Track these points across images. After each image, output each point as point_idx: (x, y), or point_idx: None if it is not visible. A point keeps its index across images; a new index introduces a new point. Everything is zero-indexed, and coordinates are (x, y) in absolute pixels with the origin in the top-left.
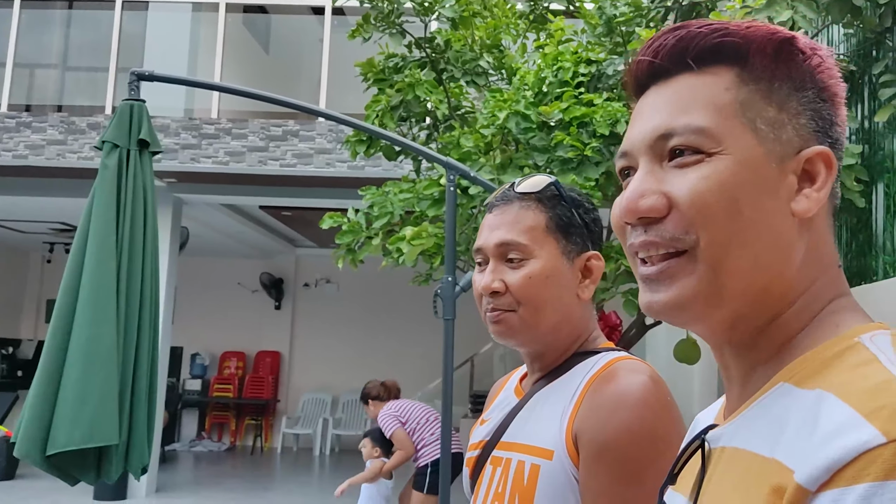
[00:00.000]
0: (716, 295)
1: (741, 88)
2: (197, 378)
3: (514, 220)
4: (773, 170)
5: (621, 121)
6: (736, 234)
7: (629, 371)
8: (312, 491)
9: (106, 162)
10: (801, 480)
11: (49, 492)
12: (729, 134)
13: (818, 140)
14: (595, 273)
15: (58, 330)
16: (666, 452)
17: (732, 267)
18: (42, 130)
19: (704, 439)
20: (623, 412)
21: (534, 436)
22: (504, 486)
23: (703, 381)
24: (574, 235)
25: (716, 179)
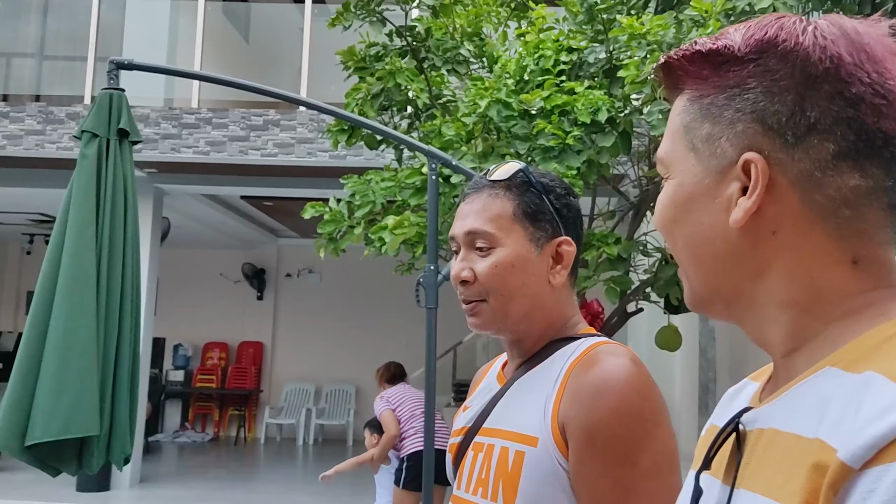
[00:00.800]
0: (700, 299)
1: (687, 111)
2: (180, 369)
3: (482, 208)
4: (709, 186)
5: (602, 109)
6: (679, 250)
7: (610, 355)
8: (296, 480)
9: (85, 152)
10: (845, 458)
11: (30, 484)
12: (674, 158)
13: (762, 143)
14: (566, 258)
15: (36, 321)
16: (654, 431)
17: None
18: (20, 120)
19: (739, 422)
20: (608, 396)
21: (516, 422)
22: (487, 471)
23: (683, 367)
24: (542, 222)
25: (659, 203)
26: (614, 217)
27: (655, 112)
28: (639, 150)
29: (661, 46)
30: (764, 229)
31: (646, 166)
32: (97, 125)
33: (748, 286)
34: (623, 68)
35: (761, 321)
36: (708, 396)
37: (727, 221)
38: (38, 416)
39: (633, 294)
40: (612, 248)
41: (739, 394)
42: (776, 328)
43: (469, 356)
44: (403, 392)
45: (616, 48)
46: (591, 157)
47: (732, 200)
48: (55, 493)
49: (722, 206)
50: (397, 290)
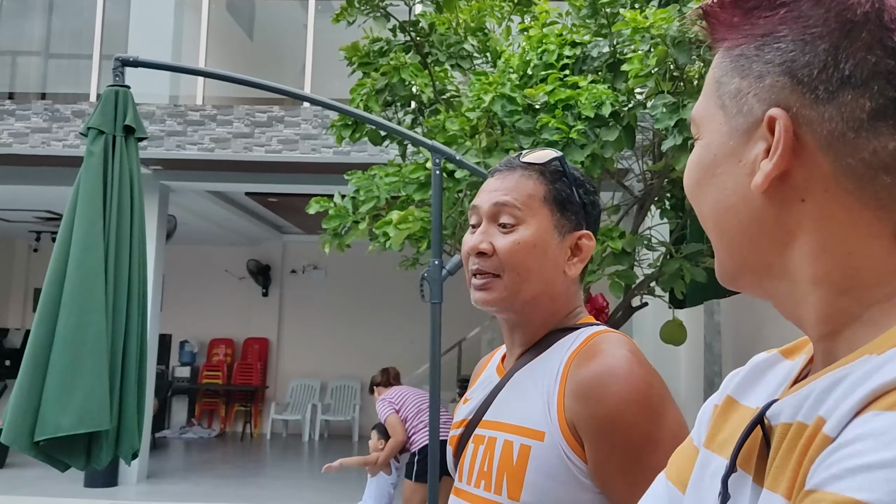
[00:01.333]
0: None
1: (719, 65)
2: (186, 365)
3: (513, 185)
4: (733, 146)
5: (606, 103)
6: (706, 217)
7: (608, 345)
8: (302, 476)
9: (91, 148)
10: (827, 429)
11: (39, 480)
12: (704, 118)
13: (790, 98)
14: (584, 252)
15: (45, 317)
16: (666, 412)
17: (717, 245)
18: (26, 118)
19: (766, 416)
20: (615, 387)
21: (519, 415)
22: (490, 465)
23: (689, 362)
24: (569, 212)
25: (687, 166)
26: (619, 211)
27: (659, 106)
28: (643, 144)
29: (664, 40)
30: (791, 196)
31: (650, 160)
32: (103, 122)
33: (777, 258)
34: (627, 62)
35: (794, 298)
36: (713, 390)
37: (750, 185)
38: (50, 411)
39: (638, 288)
40: (617, 242)
41: (769, 371)
42: (808, 307)
43: (474, 352)
44: (403, 391)
45: (620, 42)
46: (595, 152)
47: (756, 163)
48: (64, 489)
49: (746, 170)
50: (402, 286)
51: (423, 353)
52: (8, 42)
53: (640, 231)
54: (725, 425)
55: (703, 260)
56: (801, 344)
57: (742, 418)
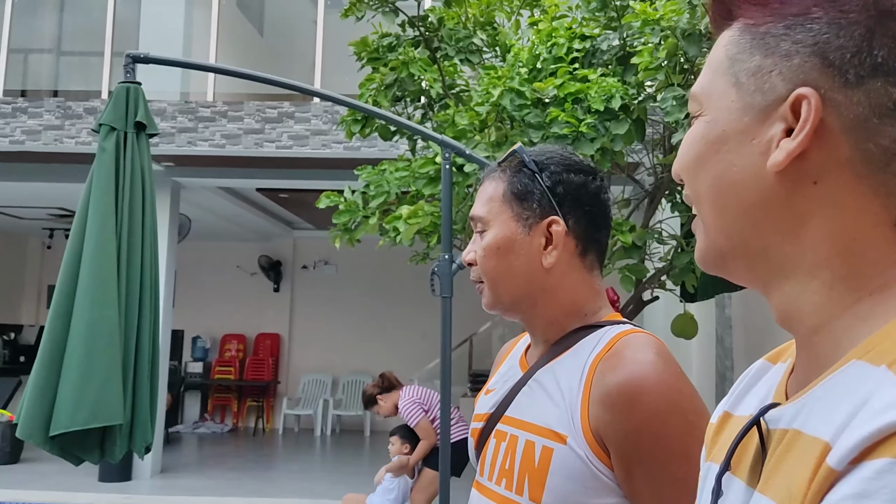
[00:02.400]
0: (718, 254)
1: (736, 42)
2: (198, 361)
3: (482, 192)
4: (748, 124)
5: (616, 96)
6: (703, 194)
7: (635, 350)
8: (314, 470)
9: (103, 145)
10: (831, 461)
11: (54, 475)
12: (711, 94)
13: (819, 80)
14: (555, 238)
15: (59, 313)
16: (696, 422)
17: (710, 225)
18: (38, 115)
19: (763, 419)
20: (644, 398)
21: (541, 416)
22: (511, 464)
23: (700, 355)
24: (530, 201)
25: (686, 141)
26: (629, 205)
27: (669, 98)
28: (653, 137)
29: (674, 32)
30: (804, 177)
31: (660, 154)
32: (115, 118)
33: (777, 242)
34: (637, 55)
35: (789, 290)
36: (725, 385)
37: (763, 164)
38: (64, 406)
39: (649, 282)
40: (627, 236)
41: (760, 380)
42: (804, 298)
43: (485, 346)
44: (426, 391)
45: (629, 35)
46: (605, 145)
47: (774, 142)
48: (78, 484)
49: (760, 148)
50: (412, 281)
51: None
52: (20, 40)
53: (651, 225)
54: (720, 437)
55: None
56: (785, 348)
57: (735, 427)
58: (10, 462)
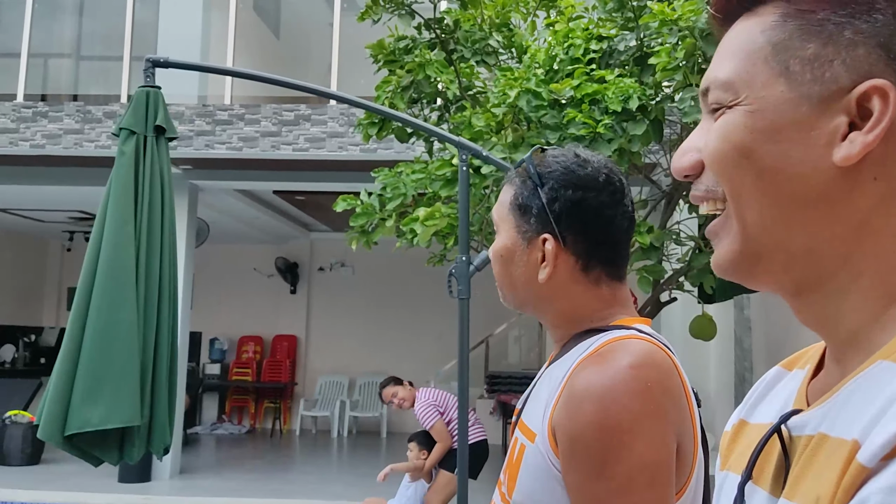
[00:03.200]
0: (753, 254)
1: (780, 28)
2: (216, 362)
3: (500, 196)
4: (805, 114)
5: (633, 97)
6: (749, 187)
7: (613, 355)
8: (331, 472)
9: (123, 148)
10: (862, 457)
11: (74, 475)
12: (751, 82)
13: (885, 73)
14: (547, 257)
15: (78, 316)
16: (631, 444)
17: (752, 221)
18: (58, 120)
19: (785, 427)
20: (588, 405)
21: (529, 416)
22: (509, 461)
23: (719, 357)
24: (528, 215)
25: (723, 132)
26: (646, 206)
27: (687, 99)
28: (671, 137)
29: (692, 32)
30: (866, 173)
31: None
32: (135, 122)
33: (826, 241)
34: (654, 55)
35: (826, 292)
36: (745, 386)
37: (825, 157)
38: (80, 406)
39: (667, 283)
40: (645, 237)
41: (775, 387)
42: (843, 302)
43: (501, 348)
44: (442, 393)
45: (647, 35)
46: (623, 146)
47: (837, 134)
48: (98, 485)
49: (821, 140)
50: (429, 282)
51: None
52: (40, 44)
53: (669, 226)
54: (737, 445)
55: None
56: (800, 355)
57: (753, 435)
58: (30, 463)
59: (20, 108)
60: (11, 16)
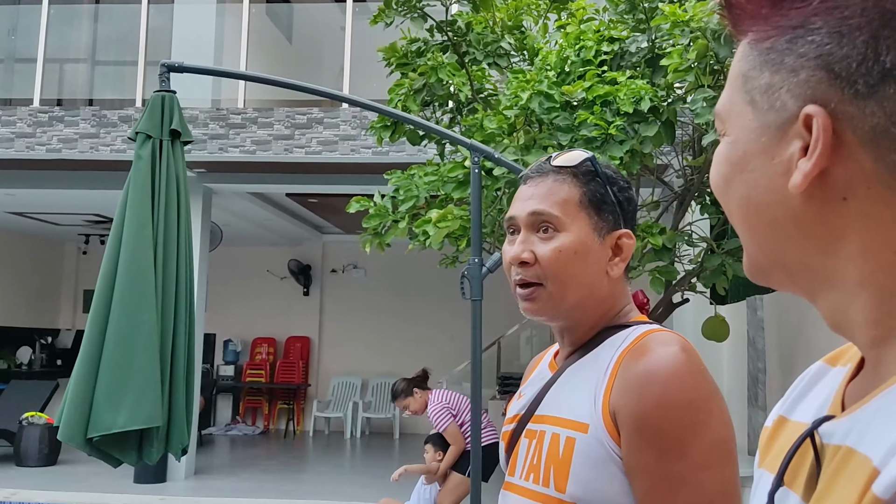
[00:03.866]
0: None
1: (747, 57)
2: (230, 364)
3: (548, 191)
4: (766, 143)
5: (645, 98)
6: (734, 214)
7: (660, 343)
8: (345, 472)
9: (139, 153)
10: (878, 489)
11: (91, 476)
12: (731, 112)
13: (828, 93)
14: (625, 251)
15: (97, 318)
16: (705, 421)
17: (745, 241)
18: (74, 124)
19: (816, 432)
20: (655, 386)
21: (567, 409)
22: (539, 458)
23: (732, 358)
24: (606, 212)
25: (715, 161)
26: (658, 207)
27: (699, 100)
28: (682, 139)
29: (704, 33)
30: (832, 195)
31: (690, 155)
32: (151, 126)
33: (818, 259)
34: (666, 57)
35: (837, 300)
36: (758, 387)
37: (787, 185)
38: (103, 409)
39: (679, 284)
40: (657, 238)
41: (818, 384)
42: (855, 310)
43: (513, 349)
44: (454, 395)
45: (658, 37)
46: (635, 147)
47: (793, 161)
48: (114, 485)
49: (781, 168)
50: (441, 283)
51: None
52: (55, 50)
53: (681, 227)
54: (775, 443)
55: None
56: (845, 350)
57: (791, 434)
58: (48, 464)
59: (37, 113)
60: (28, 22)
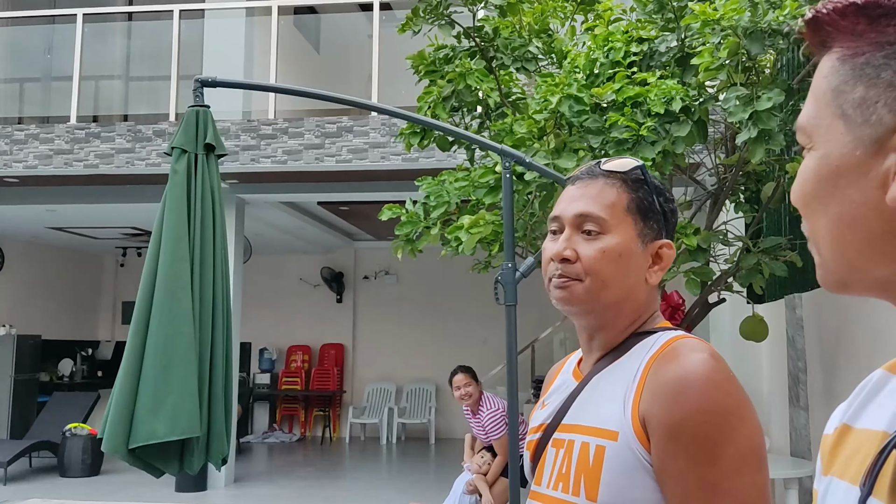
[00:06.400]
0: (839, 283)
1: (837, 72)
2: (266, 372)
3: (596, 194)
4: (861, 157)
5: (676, 98)
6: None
7: (689, 349)
8: (381, 478)
9: (175, 167)
10: None
11: (133, 485)
12: (819, 126)
13: None
14: (665, 261)
15: (137, 331)
16: (738, 427)
17: (828, 258)
18: (110, 140)
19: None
20: (689, 392)
21: (596, 417)
22: (568, 467)
23: (771, 358)
24: (651, 220)
25: (801, 174)
26: (691, 207)
27: (732, 98)
28: (714, 137)
29: (735, 31)
30: None
31: (722, 154)
32: (186, 141)
33: None
34: (696, 56)
35: None
36: (799, 387)
37: (884, 198)
38: (144, 420)
39: (715, 284)
40: (692, 238)
41: (881, 391)
42: None
43: (547, 352)
44: (504, 403)
45: (688, 36)
46: (667, 148)
47: (890, 174)
48: (156, 494)
49: (877, 182)
50: (472, 288)
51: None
52: (90, 67)
53: (715, 226)
54: (841, 450)
55: (782, 254)
56: None
57: (858, 441)
58: (91, 474)
59: (74, 130)
60: (63, 40)
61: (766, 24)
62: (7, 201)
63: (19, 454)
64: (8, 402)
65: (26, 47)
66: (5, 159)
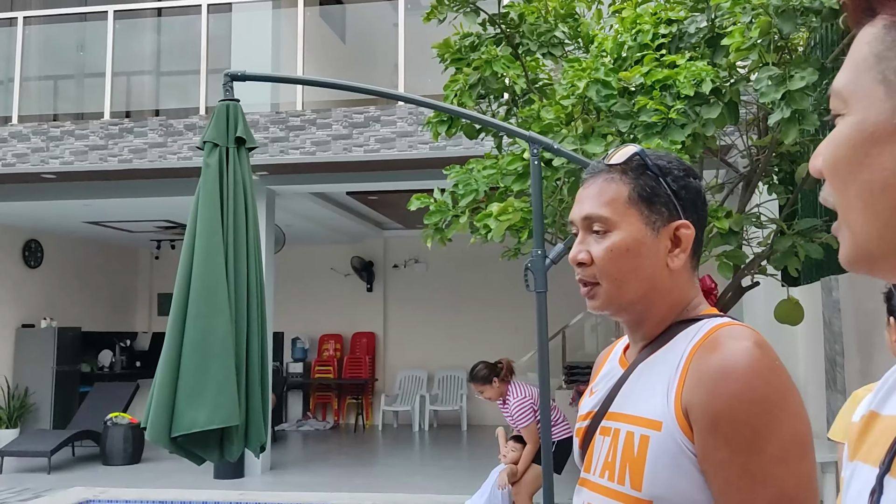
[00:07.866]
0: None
1: (882, 38)
2: (299, 361)
3: (597, 193)
4: None
5: (706, 80)
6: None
7: (732, 338)
8: (414, 464)
9: (208, 161)
10: None
11: (173, 473)
12: (856, 92)
13: None
14: (684, 242)
15: (175, 323)
16: (781, 416)
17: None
18: (143, 135)
19: None
20: (731, 381)
21: (640, 406)
22: (614, 455)
23: (808, 341)
24: (658, 205)
25: (833, 141)
26: (723, 190)
27: (764, 79)
28: (746, 118)
29: (766, 10)
30: None
31: (754, 135)
32: (217, 135)
33: None
34: (727, 36)
35: None
36: (836, 370)
37: None
38: (184, 409)
39: (748, 268)
40: (724, 221)
41: None
42: None
43: (578, 338)
44: (534, 391)
45: (718, 15)
46: (697, 131)
47: None
48: (196, 481)
49: None
50: (502, 275)
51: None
52: (122, 63)
53: (748, 209)
54: (868, 436)
55: (818, 235)
56: None
57: (886, 426)
58: (132, 462)
59: (107, 126)
60: (94, 37)
61: (797, 2)
62: (45, 197)
63: (62, 443)
64: (50, 393)
65: (60, 45)
66: (42, 156)
